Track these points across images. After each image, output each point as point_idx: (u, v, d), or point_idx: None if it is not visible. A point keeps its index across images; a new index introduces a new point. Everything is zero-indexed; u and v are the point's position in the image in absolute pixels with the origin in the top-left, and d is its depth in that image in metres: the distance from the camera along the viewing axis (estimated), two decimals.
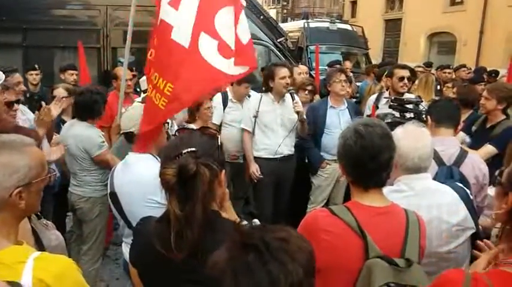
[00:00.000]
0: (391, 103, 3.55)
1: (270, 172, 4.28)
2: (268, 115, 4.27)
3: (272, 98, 4.28)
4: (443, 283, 1.35)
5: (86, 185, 3.62)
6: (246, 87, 4.78)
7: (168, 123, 2.79)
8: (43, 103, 3.58)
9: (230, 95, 4.87)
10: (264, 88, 4.38)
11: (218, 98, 4.85)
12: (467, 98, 4.52)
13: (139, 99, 3.90)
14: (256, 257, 0.94)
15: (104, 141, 3.57)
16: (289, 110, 4.22)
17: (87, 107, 3.57)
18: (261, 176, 4.26)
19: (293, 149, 4.42)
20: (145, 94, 3.64)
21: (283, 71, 4.18)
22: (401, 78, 4.50)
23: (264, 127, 4.29)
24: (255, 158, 4.33)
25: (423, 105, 3.39)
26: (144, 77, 3.83)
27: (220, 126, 4.79)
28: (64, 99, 3.73)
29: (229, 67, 2.57)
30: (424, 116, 3.00)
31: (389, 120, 3.20)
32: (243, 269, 0.93)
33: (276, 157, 4.29)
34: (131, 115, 2.57)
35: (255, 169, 4.27)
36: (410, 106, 3.32)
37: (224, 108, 4.83)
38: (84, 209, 3.64)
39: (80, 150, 3.53)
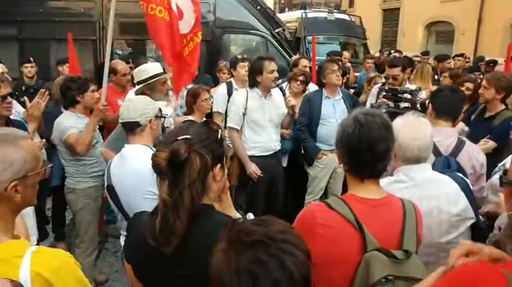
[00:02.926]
0: (385, 93, 3.52)
1: (263, 169, 4.13)
2: (257, 112, 4.10)
3: (259, 94, 4.11)
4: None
5: (69, 176, 3.58)
6: (242, 67, 4.75)
7: (164, 117, 2.78)
8: (26, 99, 3.54)
9: (235, 85, 4.83)
10: (249, 83, 4.20)
11: (223, 88, 4.82)
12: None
13: (133, 91, 3.83)
14: (265, 253, 0.94)
15: (72, 126, 3.43)
16: (275, 105, 4.14)
17: (63, 95, 3.53)
18: (261, 175, 4.12)
19: (280, 144, 4.34)
20: (140, 86, 3.60)
21: (272, 65, 4.02)
22: (387, 77, 4.56)
23: (254, 124, 4.12)
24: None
25: (419, 96, 3.37)
26: (138, 69, 3.79)
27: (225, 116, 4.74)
28: (47, 92, 3.69)
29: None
30: (419, 105, 2.97)
31: (383, 111, 3.17)
32: (258, 267, 0.93)
33: (267, 153, 4.19)
34: (136, 106, 2.52)
35: (254, 168, 4.11)
36: (406, 95, 3.30)
37: (229, 98, 4.69)
38: (69, 200, 3.62)
39: (56, 138, 3.50)
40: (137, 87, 3.65)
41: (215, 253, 0.99)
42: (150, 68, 3.69)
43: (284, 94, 4.09)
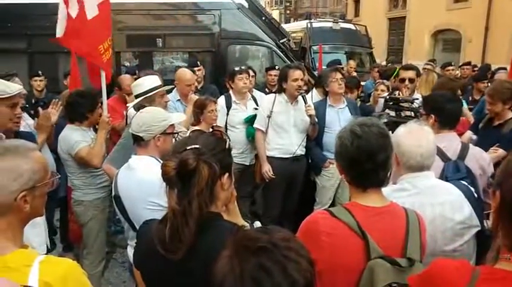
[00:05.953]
0: (386, 103, 3.52)
1: (282, 171, 4.35)
2: (282, 116, 4.34)
3: (285, 99, 4.34)
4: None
5: (76, 188, 3.59)
6: (240, 79, 4.82)
7: (177, 133, 2.70)
8: (40, 109, 3.57)
9: (233, 97, 4.90)
10: (277, 89, 4.47)
11: (221, 100, 4.86)
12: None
13: (131, 105, 3.72)
14: (270, 259, 0.95)
15: (81, 140, 3.43)
16: (302, 111, 4.28)
17: (71, 110, 3.54)
18: (273, 176, 4.32)
19: (304, 150, 4.48)
20: (138, 99, 3.52)
21: (297, 73, 4.24)
22: (402, 80, 4.55)
23: (277, 127, 4.36)
24: (268, 157, 4.39)
25: (418, 103, 3.38)
26: (134, 83, 3.71)
27: (226, 129, 4.82)
28: (60, 103, 3.72)
29: None
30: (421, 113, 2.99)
31: (385, 120, 3.17)
32: (261, 272, 0.94)
33: (288, 156, 4.35)
34: (142, 120, 2.48)
35: (267, 168, 4.34)
36: (408, 104, 3.30)
37: (228, 111, 4.86)
38: (77, 212, 3.62)
39: (63, 152, 3.49)
40: (135, 101, 3.55)
41: (220, 260, 1.01)
42: (147, 82, 3.60)
43: (305, 102, 4.16)
